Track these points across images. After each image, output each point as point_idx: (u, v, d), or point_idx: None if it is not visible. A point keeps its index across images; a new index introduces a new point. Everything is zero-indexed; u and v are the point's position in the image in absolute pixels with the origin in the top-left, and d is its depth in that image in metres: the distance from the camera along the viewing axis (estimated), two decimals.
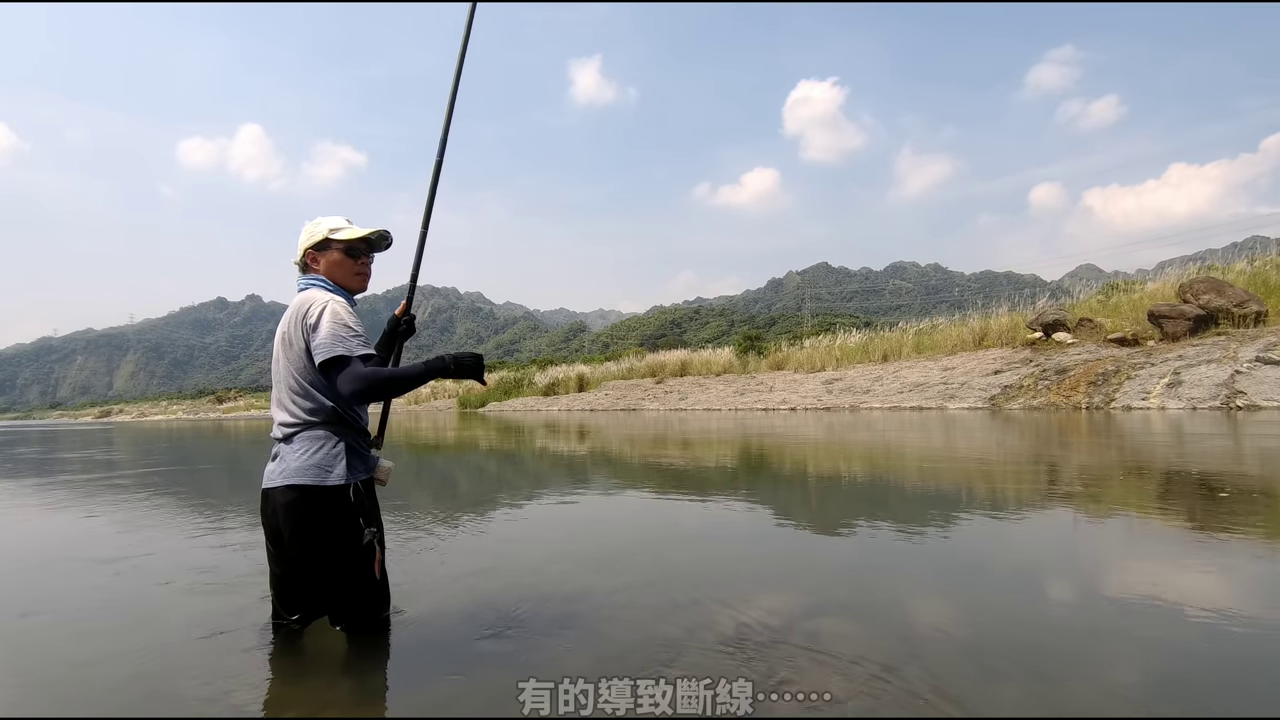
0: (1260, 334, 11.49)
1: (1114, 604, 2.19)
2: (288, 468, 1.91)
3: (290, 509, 1.89)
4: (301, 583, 1.99)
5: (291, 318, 1.98)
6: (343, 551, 1.92)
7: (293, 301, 2.04)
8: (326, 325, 1.89)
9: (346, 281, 2.08)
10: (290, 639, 2.00)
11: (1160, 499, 3.98)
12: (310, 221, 2.13)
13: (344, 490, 1.92)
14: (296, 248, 2.11)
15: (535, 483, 5.98)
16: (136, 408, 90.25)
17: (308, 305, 1.96)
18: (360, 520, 1.94)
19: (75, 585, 2.87)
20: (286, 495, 1.90)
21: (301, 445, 1.92)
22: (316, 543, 1.90)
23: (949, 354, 17.23)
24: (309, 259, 2.09)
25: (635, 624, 2.09)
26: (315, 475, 1.89)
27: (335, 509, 1.91)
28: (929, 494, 4.57)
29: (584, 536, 3.62)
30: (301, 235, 2.11)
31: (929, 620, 2.10)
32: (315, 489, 1.89)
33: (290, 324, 1.98)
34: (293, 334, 1.96)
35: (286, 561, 1.96)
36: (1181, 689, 1.60)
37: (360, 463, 2.00)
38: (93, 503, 5.37)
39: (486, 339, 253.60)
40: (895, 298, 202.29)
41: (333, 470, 1.91)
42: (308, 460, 1.90)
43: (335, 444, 1.94)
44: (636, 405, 22.22)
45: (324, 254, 2.08)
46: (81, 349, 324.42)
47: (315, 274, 2.07)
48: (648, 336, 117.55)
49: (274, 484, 1.93)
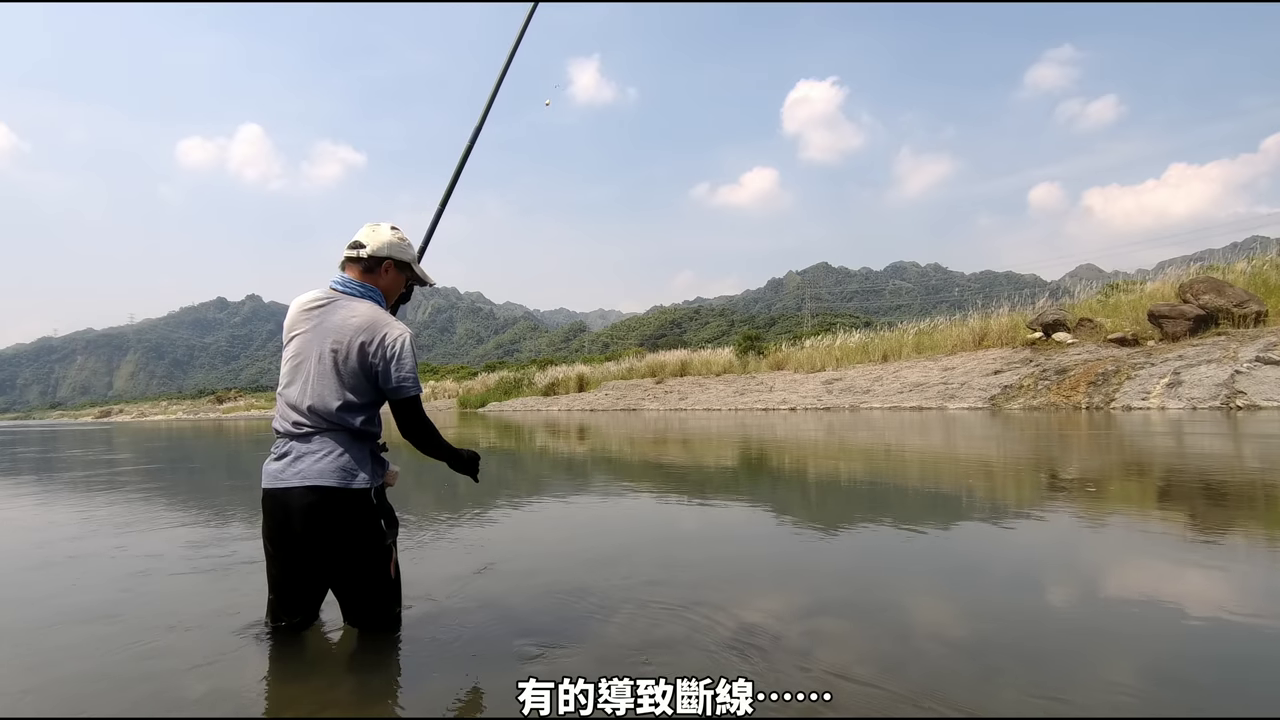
0: (1260, 334, 11.49)
1: (1114, 603, 2.19)
2: (306, 469, 1.86)
3: (311, 510, 1.85)
4: (304, 584, 1.97)
5: (357, 331, 1.91)
6: (365, 553, 1.92)
7: (351, 307, 1.96)
8: (410, 360, 1.94)
9: (390, 301, 2.11)
10: (291, 638, 1.99)
11: (1160, 499, 3.99)
12: (393, 228, 2.07)
13: (367, 494, 1.92)
14: (370, 239, 2.03)
15: (535, 483, 5.98)
16: (136, 408, 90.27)
17: (384, 328, 1.93)
18: (383, 523, 1.95)
19: (74, 585, 2.87)
20: (307, 497, 1.85)
21: (322, 447, 1.89)
22: (339, 545, 1.89)
23: (949, 354, 17.24)
24: (386, 267, 2.06)
25: (635, 624, 2.09)
26: (340, 478, 1.87)
27: (360, 512, 1.90)
28: (929, 494, 4.57)
29: (584, 536, 3.62)
30: (385, 234, 2.04)
31: (929, 620, 2.11)
32: (340, 491, 1.87)
33: (352, 337, 1.91)
34: (354, 348, 1.91)
35: (292, 562, 1.93)
36: (1181, 689, 1.61)
37: (380, 468, 2.01)
38: (92, 501, 5.37)
39: (486, 339, 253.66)
40: (895, 298, 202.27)
41: (358, 474, 1.90)
42: (331, 463, 1.87)
43: (359, 449, 1.94)
44: (636, 405, 22.22)
45: (400, 272, 2.10)
46: (81, 349, 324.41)
47: (373, 285, 2.04)
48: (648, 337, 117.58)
49: (288, 484, 1.87)
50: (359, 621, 2.00)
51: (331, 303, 1.99)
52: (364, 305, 1.98)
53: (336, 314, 1.96)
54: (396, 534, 2.03)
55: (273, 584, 2.00)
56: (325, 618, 2.10)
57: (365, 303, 1.99)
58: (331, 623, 2.09)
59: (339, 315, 1.95)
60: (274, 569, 1.98)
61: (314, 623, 2.06)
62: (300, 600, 1.99)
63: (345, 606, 2.00)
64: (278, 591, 1.99)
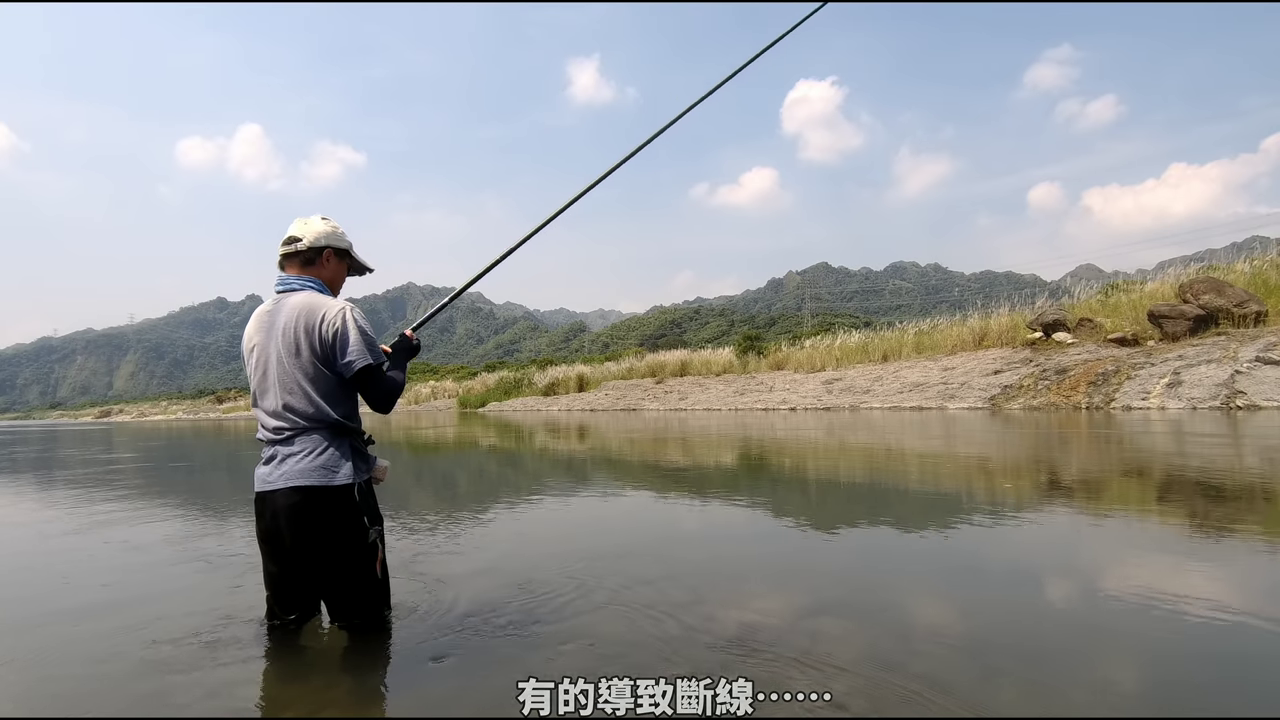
0: (1260, 334, 11.49)
1: (1113, 603, 2.19)
2: (289, 470, 1.88)
3: (294, 510, 1.87)
4: (299, 583, 1.98)
5: (297, 321, 1.92)
6: (348, 550, 1.92)
7: (290, 302, 1.97)
8: (356, 334, 1.93)
9: (335, 292, 2.10)
10: (289, 638, 2.00)
11: (1159, 499, 3.98)
12: (324, 219, 2.08)
13: (349, 490, 1.92)
14: (305, 232, 2.03)
15: (535, 482, 5.98)
16: (136, 408, 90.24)
17: (321, 310, 1.93)
18: (365, 519, 1.95)
19: (74, 585, 2.87)
20: (290, 497, 1.87)
21: (303, 446, 1.90)
22: (322, 543, 1.90)
23: (949, 354, 17.23)
24: (326, 256, 2.07)
25: (635, 623, 2.09)
26: (321, 476, 1.88)
27: (341, 508, 1.91)
28: (929, 494, 4.57)
29: (584, 536, 3.62)
30: (319, 225, 2.05)
31: (929, 620, 2.10)
32: (321, 489, 1.88)
33: (297, 326, 1.92)
34: (301, 338, 1.91)
35: (286, 562, 1.95)
36: (1181, 689, 1.60)
37: (363, 462, 2.01)
38: (92, 501, 5.37)
39: (487, 339, 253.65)
40: (895, 298, 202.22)
41: (339, 470, 1.91)
42: (311, 462, 1.89)
43: (340, 445, 1.94)
44: (636, 405, 22.22)
45: (341, 260, 2.11)
46: (81, 349, 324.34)
47: (315, 276, 2.04)
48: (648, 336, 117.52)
49: (274, 486, 1.90)
50: (345, 621, 1.98)
51: (277, 305, 1.99)
52: (302, 295, 1.98)
53: (282, 315, 1.96)
54: (381, 530, 2.03)
55: (268, 582, 2.02)
56: (325, 618, 2.10)
57: (304, 293, 1.99)
58: (331, 622, 2.09)
59: (284, 315, 1.96)
60: (268, 569, 2.00)
61: (313, 618, 2.07)
62: (295, 599, 2.00)
63: (331, 607, 2.00)
64: (273, 589, 2.01)
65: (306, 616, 2.03)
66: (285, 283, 2.02)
